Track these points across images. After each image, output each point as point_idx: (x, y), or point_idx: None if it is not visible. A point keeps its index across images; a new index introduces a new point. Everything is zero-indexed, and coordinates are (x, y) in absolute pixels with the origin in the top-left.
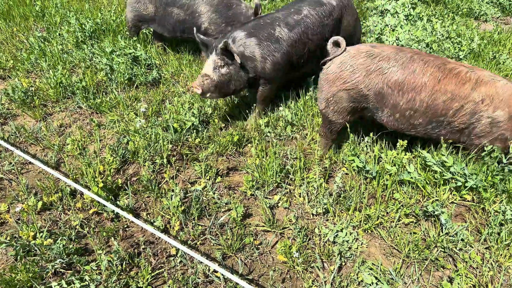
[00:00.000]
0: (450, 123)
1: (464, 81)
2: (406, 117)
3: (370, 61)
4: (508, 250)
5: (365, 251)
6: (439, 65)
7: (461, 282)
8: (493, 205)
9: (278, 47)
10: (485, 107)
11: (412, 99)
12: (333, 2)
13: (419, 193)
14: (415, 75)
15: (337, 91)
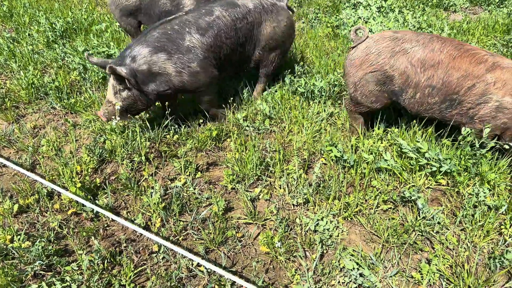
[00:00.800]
0: (461, 102)
1: (480, 61)
2: (426, 95)
3: (394, 44)
4: (482, 230)
5: (345, 238)
6: (457, 45)
7: (438, 263)
8: (467, 188)
9: (192, 57)
10: (495, 90)
11: (431, 76)
12: (249, 5)
13: (396, 179)
14: (434, 52)
15: (363, 74)
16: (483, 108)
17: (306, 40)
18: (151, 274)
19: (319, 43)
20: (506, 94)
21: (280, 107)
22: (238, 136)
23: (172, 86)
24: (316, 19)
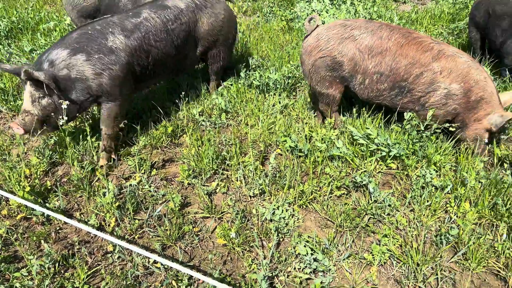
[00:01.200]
0: (410, 90)
1: (426, 49)
2: (374, 82)
3: (344, 30)
4: (429, 210)
5: (301, 225)
6: (405, 33)
7: (388, 243)
8: (415, 171)
9: (115, 58)
10: (442, 78)
11: (379, 62)
12: (181, 5)
13: (349, 166)
14: (382, 40)
15: (314, 60)
16: (433, 96)
17: (261, 34)
18: (105, 274)
19: (274, 37)
20: (453, 82)
21: (236, 100)
22: (194, 131)
23: (91, 92)
24: (271, 13)
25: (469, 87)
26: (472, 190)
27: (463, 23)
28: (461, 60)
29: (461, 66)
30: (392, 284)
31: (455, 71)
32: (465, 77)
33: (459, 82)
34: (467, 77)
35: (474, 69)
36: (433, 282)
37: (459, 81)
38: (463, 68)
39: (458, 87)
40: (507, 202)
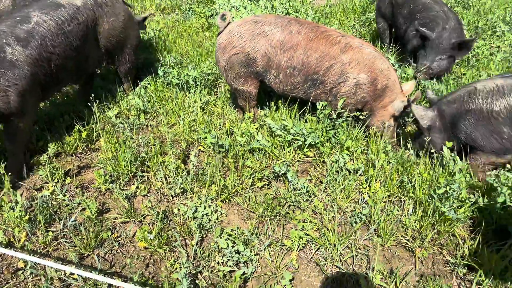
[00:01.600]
0: (322, 82)
1: (334, 43)
2: (288, 76)
3: (255, 27)
4: (343, 192)
5: (225, 219)
6: (313, 27)
7: (306, 227)
8: (330, 157)
9: (19, 73)
10: (351, 69)
11: (291, 57)
12: (77, 2)
13: (269, 157)
14: (292, 34)
15: (228, 57)
16: (343, 86)
17: (180, 32)
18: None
19: (193, 34)
20: (361, 72)
21: (155, 100)
22: (110, 135)
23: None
24: (190, 10)
25: (375, 76)
26: (382, 170)
27: (372, 15)
28: (367, 51)
29: (367, 57)
30: (312, 267)
31: (362, 62)
32: (371, 67)
33: (366, 72)
34: (373, 67)
35: (379, 59)
36: (349, 261)
37: (366, 71)
38: (369, 58)
39: (365, 76)
40: (412, 179)
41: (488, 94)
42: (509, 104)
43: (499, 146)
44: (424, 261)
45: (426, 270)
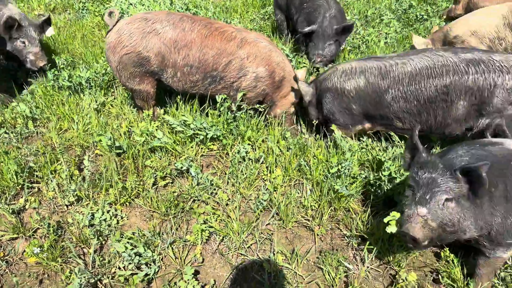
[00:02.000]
0: (223, 78)
1: (230, 38)
2: (186, 74)
3: (145, 25)
4: (246, 181)
5: (126, 223)
6: (206, 23)
7: (211, 219)
8: (233, 148)
9: None
10: (249, 63)
11: (186, 55)
12: None
13: (172, 155)
14: (185, 32)
15: (120, 57)
16: (244, 80)
17: (73, 32)
18: None
19: (88, 34)
20: (259, 65)
21: (45, 105)
22: None
23: None
24: (84, 9)
25: (273, 69)
26: (282, 156)
27: (271, 8)
28: (262, 45)
29: (263, 50)
30: (217, 258)
31: (259, 55)
32: (268, 61)
33: (264, 66)
34: (270, 60)
35: (274, 52)
36: (253, 247)
37: (264, 65)
38: (265, 52)
39: (264, 70)
40: (309, 162)
41: (342, 74)
42: (357, 84)
43: (351, 120)
44: (323, 238)
45: (325, 246)
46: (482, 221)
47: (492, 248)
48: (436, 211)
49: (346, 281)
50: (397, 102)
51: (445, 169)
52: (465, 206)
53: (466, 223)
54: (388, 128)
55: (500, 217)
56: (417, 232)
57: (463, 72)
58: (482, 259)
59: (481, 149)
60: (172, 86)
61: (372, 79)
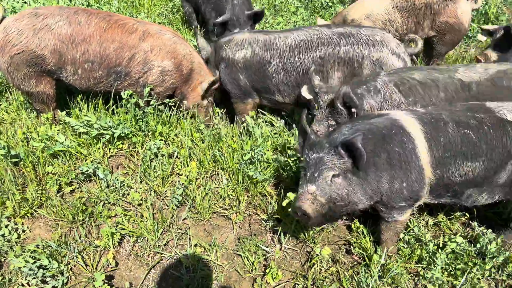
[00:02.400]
0: (128, 73)
1: (131, 31)
2: (88, 71)
3: (35, 20)
4: (159, 178)
5: (29, 236)
6: (105, 16)
7: (123, 221)
8: (145, 146)
9: None
10: (154, 57)
11: (86, 50)
12: None
13: (78, 158)
14: (82, 26)
15: (10, 58)
16: (150, 75)
17: None
18: None
19: None
20: (165, 59)
21: None
22: None
23: None
24: None
25: (179, 61)
26: (197, 149)
27: (178, 0)
28: (166, 37)
29: (168, 42)
30: (132, 260)
31: (164, 48)
32: (174, 53)
33: (169, 58)
34: (176, 52)
35: (180, 44)
36: (171, 243)
37: (169, 57)
38: (170, 44)
39: (170, 63)
40: (224, 152)
41: (234, 46)
42: (244, 55)
43: (240, 91)
44: (241, 225)
45: (244, 233)
46: (370, 190)
47: (389, 213)
48: (324, 187)
49: (266, 263)
50: (278, 74)
51: (330, 147)
52: (352, 179)
53: (356, 195)
54: (271, 103)
55: (387, 182)
56: (306, 208)
57: (336, 44)
58: (384, 224)
59: (365, 123)
60: (75, 85)
61: (258, 51)
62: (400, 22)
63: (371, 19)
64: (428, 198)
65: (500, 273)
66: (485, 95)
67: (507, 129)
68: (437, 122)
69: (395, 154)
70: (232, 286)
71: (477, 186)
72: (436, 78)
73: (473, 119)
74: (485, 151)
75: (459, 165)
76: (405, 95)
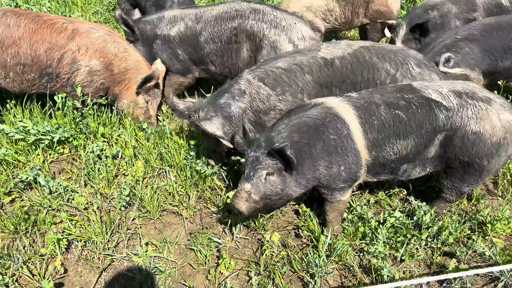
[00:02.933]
0: (58, 74)
1: (61, 30)
2: (19, 74)
3: None
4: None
5: None
6: (34, 17)
7: (71, 226)
8: (87, 148)
9: None
10: (82, 56)
11: (16, 53)
12: None
13: (16, 166)
14: (11, 28)
15: None
16: (77, 75)
17: None
18: None
19: None
20: (92, 58)
21: None
22: None
23: None
24: None
25: (109, 61)
26: (143, 148)
27: None
28: (96, 35)
29: (97, 41)
30: (82, 265)
31: (91, 47)
32: (102, 52)
33: (97, 58)
34: (105, 51)
35: (111, 42)
36: (122, 244)
37: (97, 57)
38: (99, 43)
39: (98, 62)
40: (170, 149)
41: (168, 22)
42: (179, 30)
43: (181, 67)
44: (192, 220)
45: (195, 227)
46: (305, 181)
47: (331, 194)
48: (258, 185)
49: (219, 255)
50: (208, 44)
51: (266, 147)
52: (286, 176)
53: (291, 189)
54: (208, 73)
55: (324, 168)
56: (240, 206)
57: (246, 17)
58: (327, 205)
59: (300, 117)
60: (7, 88)
61: (190, 24)
62: (339, 11)
63: (312, 11)
64: (367, 177)
65: (435, 241)
66: (348, 70)
67: (432, 107)
68: (370, 106)
69: (331, 141)
70: (186, 280)
71: (411, 162)
72: (300, 61)
73: (403, 100)
74: (415, 129)
75: (393, 144)
76: (271, 87)
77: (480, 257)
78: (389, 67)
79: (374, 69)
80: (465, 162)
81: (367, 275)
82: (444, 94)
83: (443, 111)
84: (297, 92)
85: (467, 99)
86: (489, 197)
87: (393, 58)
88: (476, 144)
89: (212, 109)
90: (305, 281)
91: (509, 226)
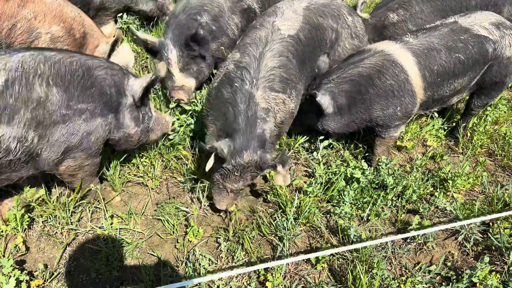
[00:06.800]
0: (9, 45)
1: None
2: None
3: None
4: None
5: None
6: None
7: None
8: None
9: None
10: (40, 23)
11: None
12: None
13: None
14: None
15: None
16: (39, 44)
17: None
18: None
19: None
20: (52, 24)
21: None
22: None
23: None
24: None
25: (70, 25)
26: None
27: None
28: (49, 0)
29: (52, 6)
30: (45, 240)
31: (49, 13)
32: (61, 17)
33: (58, 23)
34: (63, 16)
35: (66, 6)
36: (85, 218)
37: (57, 22)
38: (55, 8)
39: (59, 28)
40: None
41: None
42: None
43: None
44: (158, 190)
45: (162, 197)
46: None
47: (385, 131)
48: None
49: (187, 224)
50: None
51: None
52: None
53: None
54: None
55: (379, 110)
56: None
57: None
58: (378, 140)
59: (355, 67)
60: None
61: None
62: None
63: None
64: (418, 111)
65: (400, 200)
66: (310, 39)
67: (483, 43)
68: (430, 52)
69: (387, 86)
70: (154, 250)
71: (460, 93)
72: (277, 50)
73: (460, 42)
74: (472, 66)
75: (451, 83)
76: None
77: (442, 212)
78: (331, 22)
79: (323, 29)
80: (495, 82)
81: (334, 235)
82: (489, 28)
83: (491, 44)
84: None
85: (504, 30)
86: (451, 154)
87: (331, 13)
88: (507, 66)
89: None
90: (274, 244)
91: (468, 182)
